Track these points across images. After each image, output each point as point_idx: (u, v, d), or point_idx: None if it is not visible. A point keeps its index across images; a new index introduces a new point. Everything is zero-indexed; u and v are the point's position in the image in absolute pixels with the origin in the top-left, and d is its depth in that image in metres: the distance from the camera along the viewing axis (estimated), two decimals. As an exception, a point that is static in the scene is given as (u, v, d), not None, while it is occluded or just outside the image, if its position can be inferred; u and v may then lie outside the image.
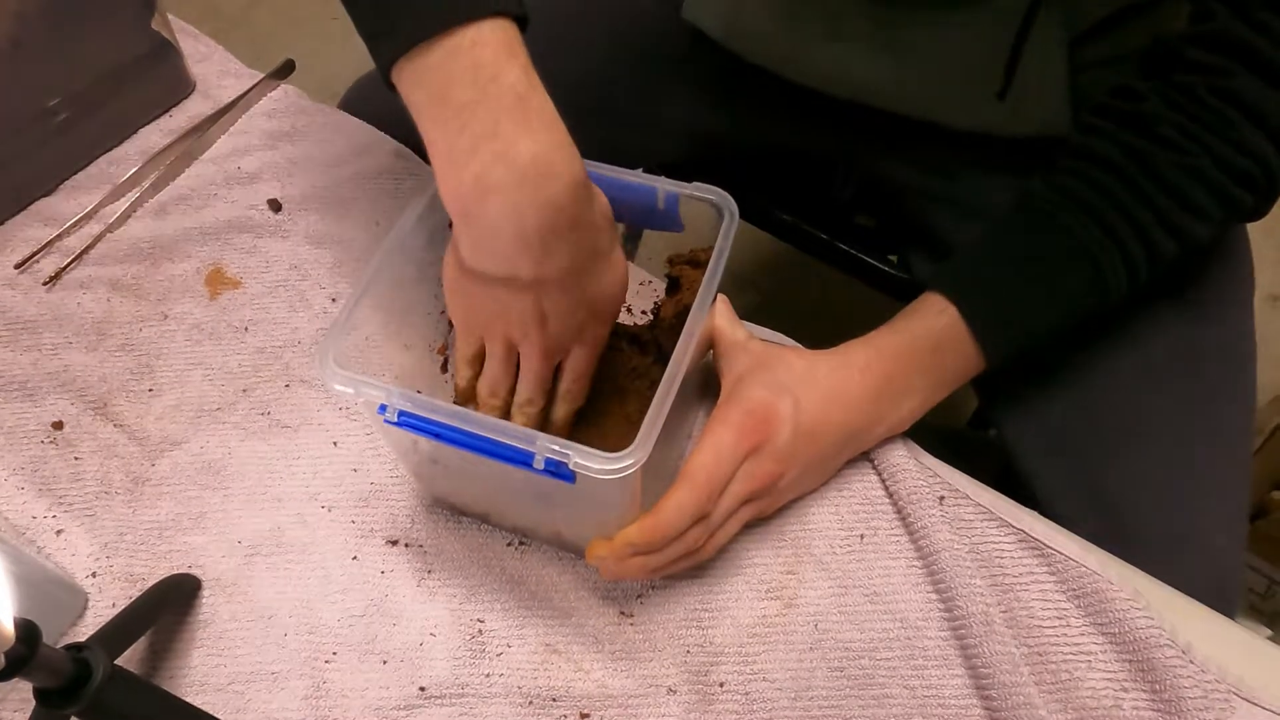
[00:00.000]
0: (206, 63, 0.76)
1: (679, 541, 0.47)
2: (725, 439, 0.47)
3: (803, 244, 0.86)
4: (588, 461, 0.39)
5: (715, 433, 0.48)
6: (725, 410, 0.49)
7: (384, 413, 0.42)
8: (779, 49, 0.66)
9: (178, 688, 0.49)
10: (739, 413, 0.48)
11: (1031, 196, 0.54)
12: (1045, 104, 0.60)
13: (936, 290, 0.53)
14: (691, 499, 0.46)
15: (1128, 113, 0.52)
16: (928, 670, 0.49)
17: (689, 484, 0.46)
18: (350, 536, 0.54)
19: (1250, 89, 0.49)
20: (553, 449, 0.40)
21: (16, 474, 0.56)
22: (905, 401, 0.53)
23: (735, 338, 0.52)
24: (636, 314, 0.56)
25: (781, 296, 1.46)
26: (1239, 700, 0.47)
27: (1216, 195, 0.50)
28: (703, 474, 0.47)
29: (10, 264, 0.65)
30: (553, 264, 0.43)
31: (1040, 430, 0.62)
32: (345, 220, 0.67)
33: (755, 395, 0.49)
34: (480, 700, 0.48)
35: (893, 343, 0.52)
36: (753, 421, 0.48)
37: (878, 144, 0.72)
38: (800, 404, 0.49)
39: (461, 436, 0.41)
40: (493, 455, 0.41)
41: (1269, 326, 0.71)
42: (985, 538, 0.52)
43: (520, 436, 0.40)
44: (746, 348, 0.52)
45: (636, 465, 0.39)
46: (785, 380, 0.50)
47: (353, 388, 0.43)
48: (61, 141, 0.68)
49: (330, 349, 0.44)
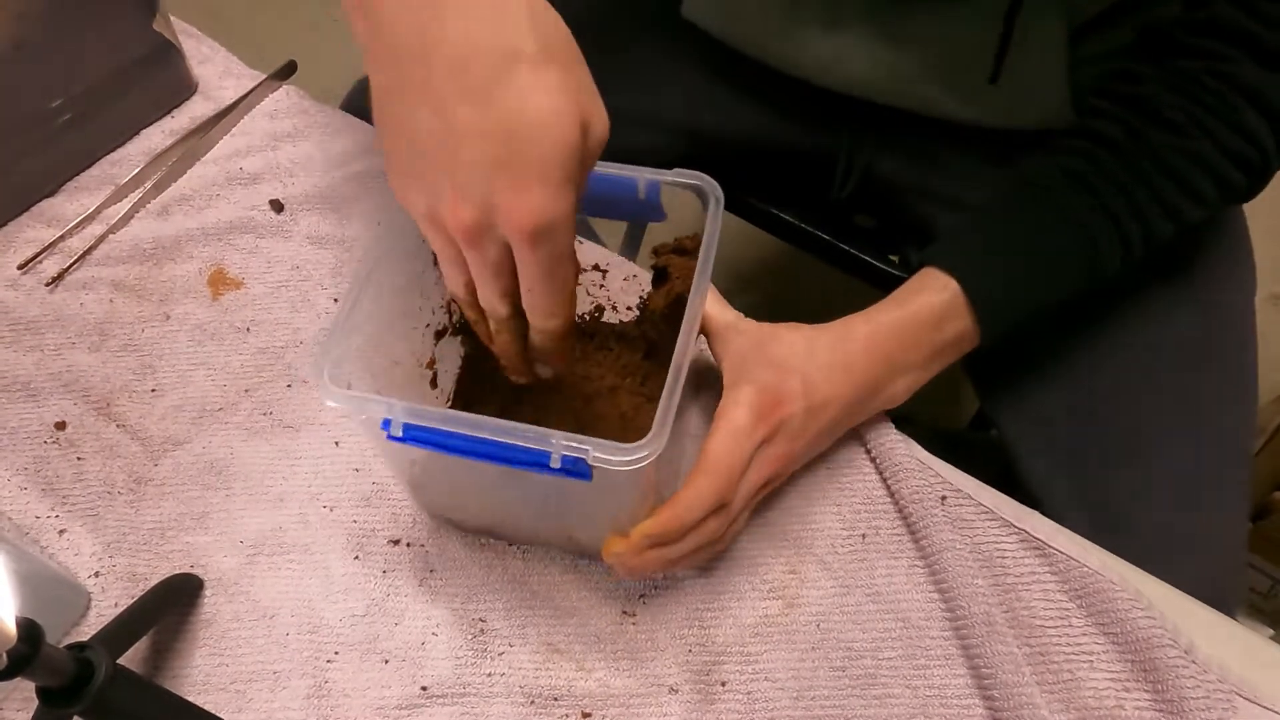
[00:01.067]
0: (208, 64, 0.76)
1: (697, 532, 0.46)
2: (741, 423, 0.46)
3: (803, 244, 0.86)
4: (606, 454, 0.38)
5: (730, 417, 0.46)
6: (736, 393, 0.48)
7: (388, 428, 0.40)
8: (778, 42, 0.66)
9: (180, 687, 0.49)
10: (751, 394, 0.47)
11: (1031, 173, 0.54)
12: (1044, 97, 0.60)
13: (938, 266, 0.53)
14: (711, 487, 0.45)
15: (1129, 95, 0.52)
16: (930, 670, 0.49)
17: (708, 472, 0.45)
18: (352, 536, 0.54)
19: (1250, 73, 0.49)
20: (570, 445, 0.38)
21: (20, 474, 0.56)
22: (903, 377, 0.52)
23: (726, 320, 0.51)
24: (622, 310, 0.55)
25: (781, 296, 1.46)
26: (1241, 700, 0.47)
27: (1214, 178, 0.51)
28: (722, 461, 0.45)
29: (13, 265, 0.65)
30: (441, 55, 0.35)
31: (1041, 431, 0.62)
32: (347, 221, 0.67)
33: (763, 377, 0.48)
34: (482, 700, 0.48)
35: (894, 318, 0.52)
36: (767, 403, 0.47)
37: (876, 140, 0.72)
38: (808, 381, 0.48)
39: (471, 445, 0.39)
40: (506, 461, 0.39)
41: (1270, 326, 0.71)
42: (987, 537, 0.52)
43: (533, 436, 0.38)
44: (739, 329, 0.50)
45: (654, 455, 0.38)
46: (788, 358, 0.49)
47: (353, 405, 0.41)
48: (64, 142, 0.68)
49: (325, 365, 0.42)
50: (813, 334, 0.51)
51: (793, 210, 0.85)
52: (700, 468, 0.45)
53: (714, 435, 0.46)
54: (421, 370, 0.52)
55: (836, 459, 0.55)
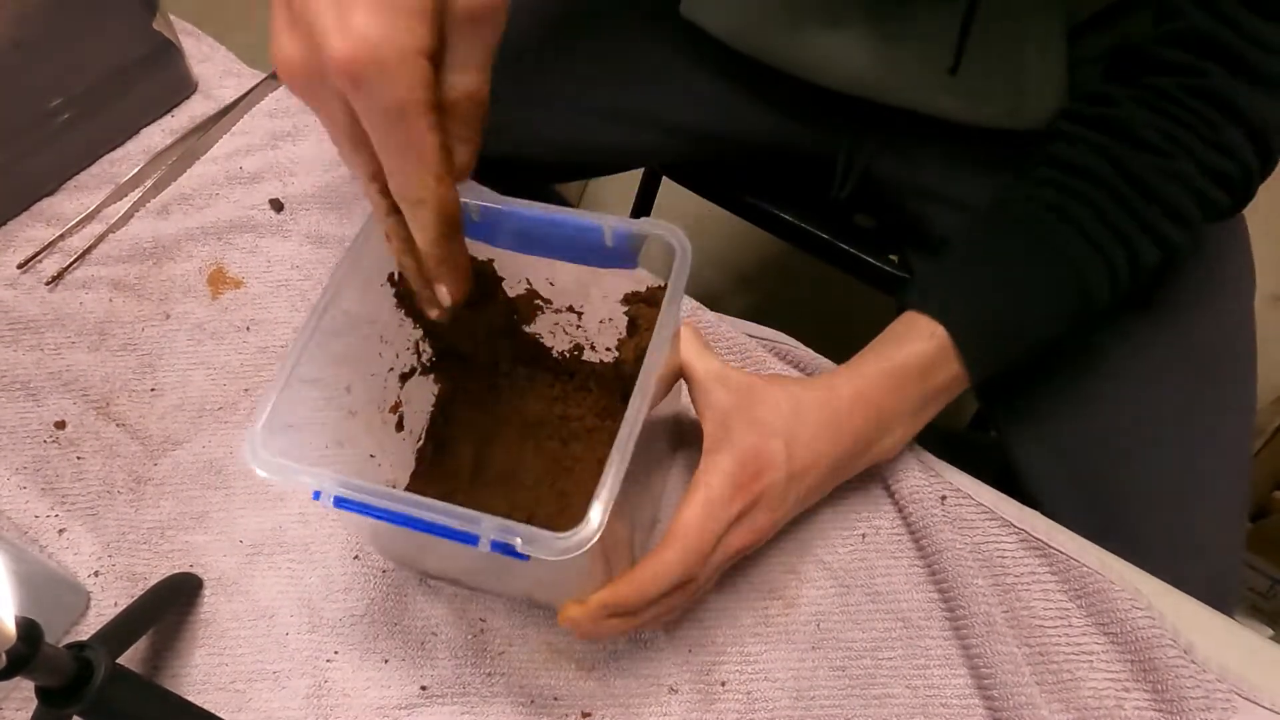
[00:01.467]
0: (208, 63, 0.76)
1: (659, 604, 0.44)
2: (717, 494, 0.44)
3: (803, 244, 0.86)
4: (534, 545, 0.36)
5: (707, 485, 0.44)
6: (715, 459, 0.45)
7: (319, 499, 0.38)
8: (777, 41, 0.66)
9: (179, 687, 0.49)
10: (730, 463, 0.44)
11: (1010, 206, 0.53)
12: (1045, 98, 0.59)
13: (921, 311, 0.50)
14: (680, 563, 0.42)
15: (1103, 117, 0.51)
16: (930, 670, 0.49)
17: (678, 546, 0.42)
18: (352, 535, 0.54)
19: (1226, 87, 0.48)
20: (498, 530, 0.36)
21: (19, 473, 0.56)
22: (892, 432, 0.51)
23: (708, 369, 0.47)
24: (601, 351, 0.55)
25: (781, 296, 1.46)
26: (1240, 700, 0.47)
27: (1196, 198, 0.49)
28: (693, 535, 0.43)
29: (13, 264, 0.65)
30: None
31: (1040, 431, 0.62)
32: (347, 220, 0.67)
33: (746, 439, 0.45)
34: (482, 700, 0.48)
35: (881, 370, 0.49)
36: (746, 473, 0.44)
37: (876, 140, 0.72)
38: (791, 445, 0.46)
39: (402, 519, 0.38)
40: (439, 535, 0.38)
41: (1269, 327, 0.71)
42: (987, 537, 0.52)
43: (463, 518, 0.37)
44: (724, 380, 0.47)
45: (589, 543, 0.36)
46: (773, 421, 0.46)
47: (281, 475, 0.38)
48: (63, 142, 0.68)
49: (258, 434, 0.39)
50: (799, 394, 0.48)
51: (793, 210, 0.85)
52: (670, 539, 0.43)
53: (688, 505, 0.43)
54: (384, 416, 0.51)
55: (836, 459, 0.55)
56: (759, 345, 0.59)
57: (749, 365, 0.58)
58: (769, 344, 0.59)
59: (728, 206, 0.88)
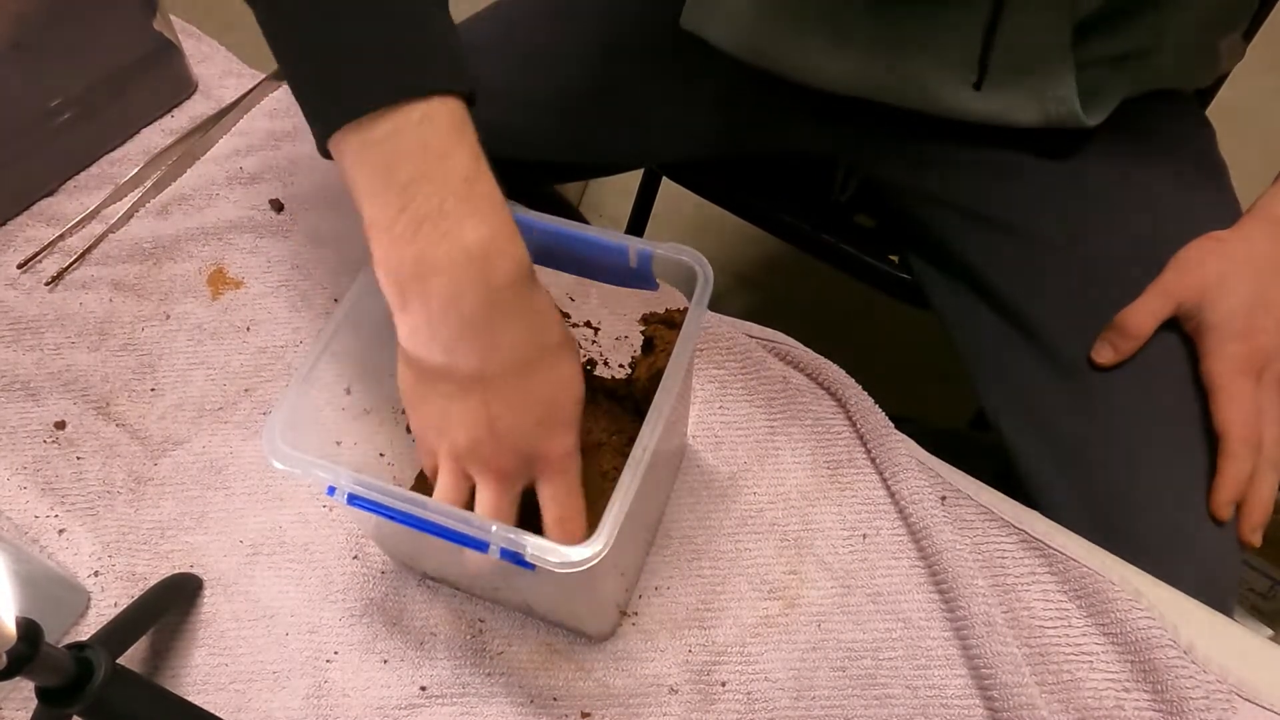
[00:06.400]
0: (208, 63, 0.76)
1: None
2: (1243, 388, 0.50)
3: (803, 244, 0.86)
4: (545, 555, 0.37)
5: (1227, 387, 0.51)
6: (1219, 360, 0.52)
7: (333, 494, 0.40)
8: (776, 48, 0.66)
9: (179, 687, 0.49)
10: (1235, 346, 0.52)
11: None
12: (1047, 90, 0.59)
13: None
14: (1247, 458, 0.49)
15: None
16: (930, 670, 0.49)
17: (1232, 454, 0.49)
18: (351, 535, 0.54)
19: None
20: (508, 538, 0.38)
21: (19, 473, 0.56)
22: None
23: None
24: (614, 366, 0.55)
25: (781, 296, 1.46)
26: (1241, 701, 0.47)
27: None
28: (1241, 430, 0.51)
29: (13, 264, 0.65)
30: (496, 355, 0.40)
31: (1039, 431, 0.62)
32: (347, 220, 0.67)
33: (1229, 306, 0.52)
34: (481, 700, 0.48)
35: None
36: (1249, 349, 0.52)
37: (877, 144, 0.72)
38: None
39: (413, 521, 0.39)
40: (448, 539, 0.39)
41: (1270, 327, 0.71)
42: (987, 538, 0.52)
43: (475, 526, 0.38)
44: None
45: (598, 558, 0.37)
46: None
47: (302, 469, 0.40)
48: (63, 142, 0.68)
49: (278, 423, 0.40)
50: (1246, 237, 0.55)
51: (793, 210, 0.85)
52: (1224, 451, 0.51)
53: (1219, 405, 0.51)
54: (396, 415, 0.51)
55: (836, 459, 0.55)
56: (759, 345, 0.59)
57: (749, 365, 0.58)
58: (769, 344, 0.59)
59: (728, 206, 0.88)
